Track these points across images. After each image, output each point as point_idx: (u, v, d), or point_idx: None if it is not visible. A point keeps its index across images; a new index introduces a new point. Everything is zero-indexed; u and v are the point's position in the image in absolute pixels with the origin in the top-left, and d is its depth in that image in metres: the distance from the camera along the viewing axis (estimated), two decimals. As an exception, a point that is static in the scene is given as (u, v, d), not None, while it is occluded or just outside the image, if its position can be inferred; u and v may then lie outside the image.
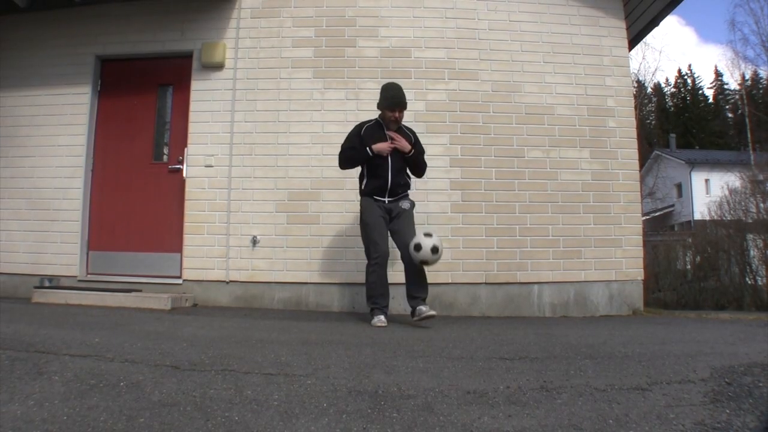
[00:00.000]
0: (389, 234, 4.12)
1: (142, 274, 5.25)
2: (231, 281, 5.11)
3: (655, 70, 51.47)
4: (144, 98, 5.59)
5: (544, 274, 5.10)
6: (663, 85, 46.32)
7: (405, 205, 4.13)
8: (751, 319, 5.34)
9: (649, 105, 39.58)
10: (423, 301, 3.99)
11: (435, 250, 3.83)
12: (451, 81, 5.34)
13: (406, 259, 4.00)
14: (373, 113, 4.33)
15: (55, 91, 5.52)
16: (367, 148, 4.04)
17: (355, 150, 4.12)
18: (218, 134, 5.31)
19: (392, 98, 4.09)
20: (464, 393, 1.98)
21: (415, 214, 4.24)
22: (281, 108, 5.31)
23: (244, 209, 5.20)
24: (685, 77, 48.73)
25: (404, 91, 4.16)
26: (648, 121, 37.12)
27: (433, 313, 3.91)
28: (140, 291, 4.79)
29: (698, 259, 12.56)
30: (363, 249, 4.21)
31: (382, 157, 4.07)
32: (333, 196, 5.13)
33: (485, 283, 5.07)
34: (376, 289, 4.05)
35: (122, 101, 5.59)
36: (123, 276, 5.25)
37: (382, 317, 3.98)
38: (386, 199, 4.11)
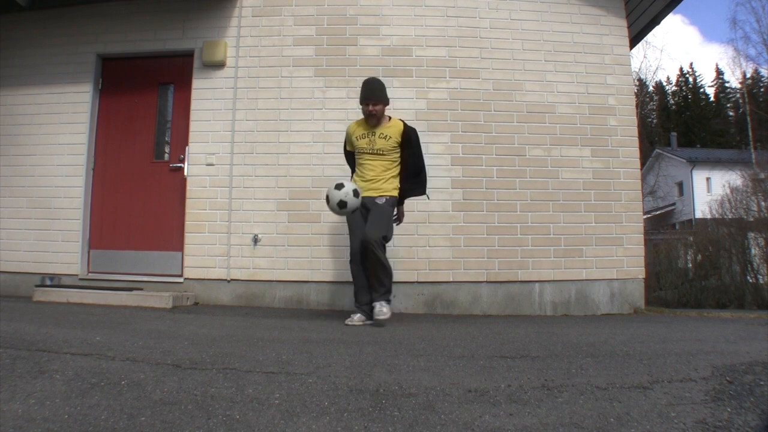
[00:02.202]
0: None
1: (143, 273, 5.26)
2: (232, 280, 5.12)
3: (657, 68, 51.44)
4: (145, 97, 5.59)
5: (545, 273, 5.10)
6: (664, 84, 46.29)
7: (380, 199, 3.99)
8: (752, 317, 5.33)
9: (651, 103, 39.57)
10: (381, 295, 3.89)
11: (342, 204, 3.73)
12: (452, 79, 5.33)
13: (364, 247, 3.88)
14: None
15: (56, 90, 5.52)
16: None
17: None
18: (219, 133, 5.31)
19: (363, 91, 4.03)
20: (465, 391, 1.97)
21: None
22: (282, 107, 5.31)
23: (245, 208, 5.20)
24: (687, 76, 48.69)
25: (382, 85, 4.06)
26: (649, 120, 37.11)
27: (381, 317, 3.79)
28: (141, 289, 4.80)
29: (699, 257, 12.56)
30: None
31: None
32: (334, 195, 5.13)
33: (486, 282, 5.07)
34: (354, 285, 4.08)
35: (123, 100, 5.59)
36: (124, 275, 5.26)
37: (354, 316, 3.94)
38: (366, 195, 3.99)
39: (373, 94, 3.99)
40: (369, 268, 3.91)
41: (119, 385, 1.92)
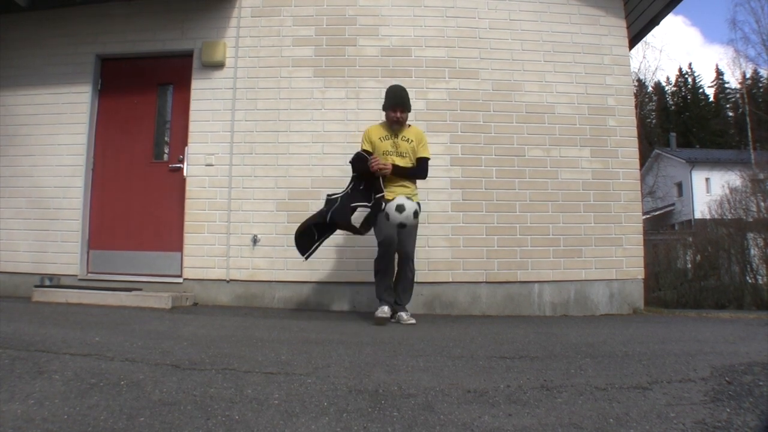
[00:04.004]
0: None
1: (142, 273, 5.25)
2: (231, 280, 5.12)
3: (656, 69, 51.44)
4: (144, 97, 5.59)
5: (544, 273, 5.10)
6: (664, 84, 46.32)
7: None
8: (751, 318, 5.33)
9: (650, 104, 39.57)
10: (404, 306, 4.19)
11: (402, 226, 3.85)
12: (451, 80, 5.33)
13: (400, 264, 4.14)
14: (373, 112, 4.34)
15: (56, 90, 5.52)
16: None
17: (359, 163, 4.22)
18: (218, 133, 5.31)
19: (393, 98, 4.12)
20: (465, 392, 1.97)
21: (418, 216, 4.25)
22: (281, 107, 5.31)
23: (245, 208, 5.20)
24: (686, 76, 48.74)
25: (407, 93, 4.17)
26: (648, 120, 37.11)
27: (412, 321, 4.04)
28: (141, 290, 4.79)
29: (698, 258, 12.56)
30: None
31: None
32: (333, 195, 5.12)
33: (486, 282, 5.07)
34: (379, 279, 4.13)
35: (123, 100, 5.59)
36: (123, 275, 5.25)
37: (384, 308, 4.04)
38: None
39: (403, 102, 4.12)
40: (401, 279, 4.18)
41: (118, 386, 1.92)
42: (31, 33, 5.66)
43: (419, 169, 4.22)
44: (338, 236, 5.06)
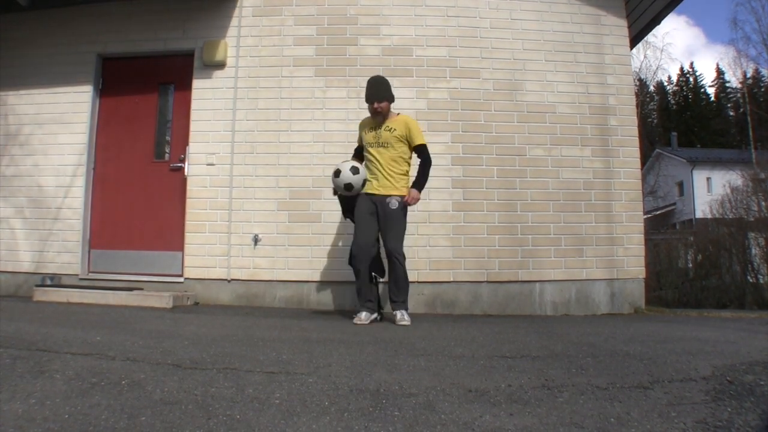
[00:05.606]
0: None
1: (143, 273, 5.26)
2: (232, 280, 5.12)
3: (657, 68, 51.15)
4: (145, 97, 5.59)
5: (545, 273, 5.09)
6: (665, 84, 46.23)
7: (393, 204, 4.01)
8: (752, 317, 5.33)
9: (651, 103, 39.49)
10: (402, 303, 4.05)
11: (348, 187, 3.99)
12: (452, 79, 5.33)
13: (388, 262, 4.08)
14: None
15: (57, 90, 5.52)
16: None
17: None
18: (220, 133, 5.31)
19: (367, 91, 4.10)
20: (466, 391, 1.97)
21: (411, 212, 4.24)
22: (283, 106, 5.31)
23: (246, 208, 5.20)
24: (687, 75, 48.64)
25: (386, 83, 4.12)
26: (649, 120, 37.04)
27: (405, 323, 3.93)
28: (142, 289, 4.80)
29: (699, 257, 12.58)
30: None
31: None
32: (334, 195, 5.12)
33: (487, 282, 5.07)
34: (357, 284, 4.08)
35: (124, 100, 5.59)
36: (124, 274, 5.26)
37: (361, 314, 3.97)
38: (375, 192, 4.06)
39: (377, 93, 4.07)
40: (392, 277, 4.05)
41: (119, 385, 1.92)
42: (32, 32, 5.66)
43: (424, 164, 4.11)
44: (339, 236, 5.07)
